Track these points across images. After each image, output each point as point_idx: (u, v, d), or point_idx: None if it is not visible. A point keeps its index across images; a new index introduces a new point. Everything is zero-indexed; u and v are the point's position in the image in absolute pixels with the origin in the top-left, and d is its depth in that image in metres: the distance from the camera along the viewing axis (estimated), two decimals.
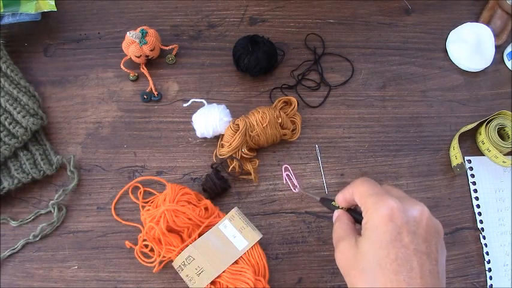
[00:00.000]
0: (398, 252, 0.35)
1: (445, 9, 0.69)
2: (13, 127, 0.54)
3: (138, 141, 0.58)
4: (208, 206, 0.52)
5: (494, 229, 0.58)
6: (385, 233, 0.35)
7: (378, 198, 0.37)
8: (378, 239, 0.36)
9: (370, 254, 0.36)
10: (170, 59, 0.61)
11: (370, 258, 0.36)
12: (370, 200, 0.38)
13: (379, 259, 0.35)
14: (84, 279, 0.52)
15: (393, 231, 0.35)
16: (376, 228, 0.36)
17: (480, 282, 0.56)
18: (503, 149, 0.60)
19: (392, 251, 0.35)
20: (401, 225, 0.36)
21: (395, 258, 0.35)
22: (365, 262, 0.36)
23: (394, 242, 0.35)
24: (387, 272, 0.35)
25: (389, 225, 0.36)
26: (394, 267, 0.34)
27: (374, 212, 0.37)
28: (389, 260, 0.35)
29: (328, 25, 0.66)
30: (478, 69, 0.65)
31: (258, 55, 0.58)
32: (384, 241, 0.35)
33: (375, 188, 0.39)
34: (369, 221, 0.37)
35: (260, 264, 0.50)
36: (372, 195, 0.38)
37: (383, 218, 0.36)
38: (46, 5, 0.58)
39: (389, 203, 0.36)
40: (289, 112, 0.57)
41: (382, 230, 0.36)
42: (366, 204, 0.38)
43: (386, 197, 0.37)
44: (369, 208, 0.38)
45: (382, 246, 0.35)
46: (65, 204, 0.54)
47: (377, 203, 0.37)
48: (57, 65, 0.61)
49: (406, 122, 0.62)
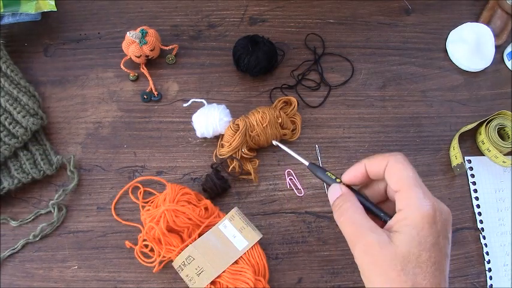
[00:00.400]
0: (437, 256, 0.34)
1: (445, 9, 0.69)
2: (13, 127, 0.54)
3: (138, 141, 0.58)
4: (208, 206, 0.52)
5: (494, 229, 0.58)
6: (429, 236, 0.34)
7: (423, 194, 0.35)
8: (422, 240, 0.34)
9: (413, 256, 0.34)
10: (170, 59, 0.61)
11: (413, 260, 0.34)
12: (415, 191, 0.35)
13: (421, 262, 0.34)
14: (84, 279, 0.52)
15: (435, 234, 0.34)
16: (422, 228, 0.34)
17: (480, 282, 0.56)
18: (503, 149, 0.60)
19: (433, 255, 0.34)
20: (440, 229, 0.35)
21: (434, 262, 0.34)
22: (406, 262, 0.34)
23: (435, 245, 0.34)
24: (427, 275, 0.33)
25: (434, 228, 0.34)
26: (433, 270, 0.34)
27: (419, 209, 0.34)
28: (430, 263, 0.34)
29: (328, 25, 0.66)
30: (478, 69, 0.65)
31: (258, 55, 0.58)
32: (428, 243, 0.34)
33: (418, 178, 0.36)
34: (412, 217, 0.34)
35: (260, 264, 0.50)
36: (418, 187, 0.35)
37: (429, 218, 0.34)
38: (46, 5, 0.58)
39: (433, 203, 0.35)
40: (289, 112, 0.57)
41: (427, 231, 0.34)
42: (407, 195, 0.35)
43: (430, 194, 0.35)
44: (412, 202, 0.35)
45: (426, 248, 0.34)
46: (65, 204, 0.54)
47: (424, 199, 0.35)
48: (57, 65, 0.61)
49: (406, 122, 0.62)
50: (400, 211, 0.35)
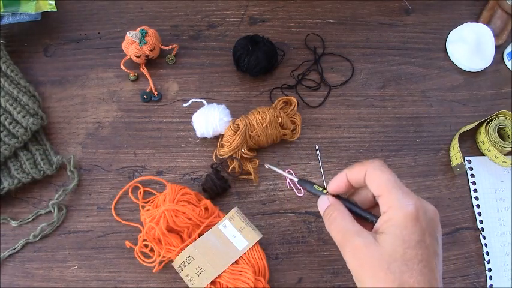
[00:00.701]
0: (424, 254, 0.34)
1: (445, 9, 0.69)
2: (13, 127, 0.54)
3: (138, 141, 0.58)
4: (208, 206, 0.52)
5: (494, 229, 0.58)
6: (413, 233, 0.35)
7: (404, 195, 0.36)
8: (406, 238, 0.34)
9: (398, 254, 0.34)
10: (170, 59, 0.61)
11: (398, 258, 0.34)
12: (395, 193, 0.36)
13: (407, 259, 0.34)
14: (84, 279, 0.52)
15: (420, 232, 0.35)
16: (405, 227, 0.35)
17: (480, 282, 0.56)
18: (503, 149, 0.60)
19: (419, 252, 0.34)
20: (425, 227, 0.35)
21: (421, 260, 0.34)
22: (391, 261, 0.34)
23: (421, 242, 0.35)
24: (414, 272, 0.34)
25: (417, 226, 0.35)
26: (420, 268, 0.34)
27: (401, 209, 0.35)
28: (416, 260, 0.34)
29: (328, 25, 0.66)
30: (478, 69, 0.65)
31: (258, 55, 0.58)
32: (413, 241, 0.34)
33: (397, 181, 0.37)
34: (395, 218, 0.35)
35: (260, 264, 0.50)
36: (397, 189, 0.36)
37: (411, 217, 0.35)
38: (46, 5, 0.58)
39: (415, 202, 0.35)
40: (289, 112, 0.57)
41: (411, 229, 0.35)
42: (389, 198, 0.36)
43: (411, 194, 0.36)
44: (394, 204, 0.36)
45: (411, 246, 0.34)
46: (65, 204, 0.54)
47: (405, 200, 0.35)
48: (57, 65, 0.61)
49: (406, 122, 0.62)
50: (384, 213, 0.36)
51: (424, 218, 0.35)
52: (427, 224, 0.35)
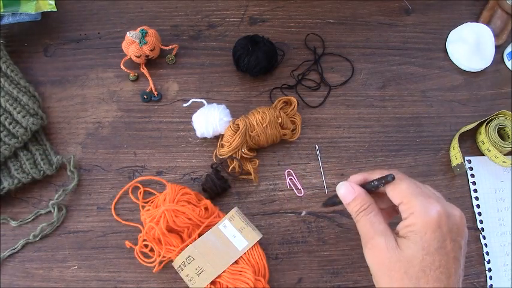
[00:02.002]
0: (442, 260, 0.35)
1: (445, 9, 0.69)
2: (13, 127, 0.54)
3: (138, 141, 0.58)
4: (208, 206, 0.52)
5: (494, 229, 0.58)
6: (433, 240, 0.35)
7: (425, 201, 0.36)
8: (426, 245, 0.35)
9: (417, 260, 0.35)
10: (170, 59, 0.61)
11: (416, 264, 0.35)
12: (417, 201, 0.37)
13: (424, 266, 0.35)
14: (84, 279, 0.52)
15: (440, 238, 0.35)
16: (425, 234, 0.35)
17: (480, 282, 0.56)
18: (503, 149, 0.60)
19: (437, 259, 0.35)
20: (446, 233, 0.36)
21: (439, 266, 0.35)
22: (409, 266, 0.35)
23: (440, 249, 0.35)
24: (431, 278, 0.35)
25: (438, 232, 0.35)
26: (437, 274, 0.35)
27: (422, 216, 0.36)
28: (434, 267, 0.35)
29: (328, 25, 0.66)
30: (478, 69, 0.65)
31: (258, 55, 0.58)
32: (432, 248, 0.35)
33: (418, 188, 0.38)
34: (415, 224, 0.36)
35: (260, 264, 0.50)
36: (418, 196, 0.37)
37: (432, 223, 0.36)
38: (46, 5, 0.58)
39: (437, 208, 0.36)
40: (289, 112, 0.57)
41: (430, 236, 0.35)
42: (410, 204, 0.37)
43: (433, 201, 0.37)
44: (415, 210, 0.36)
45: (429, 252, 0.35)
46: (65, 204, 0.54)
47: (426, 207, 0.36)
48: (57, 65, 0.61)
49: (406, 122, 0.62)
50: (405, 219, 0.37)
51: (447, 224, 0.36)
52: (449, 230, 0.36)
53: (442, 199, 0.39)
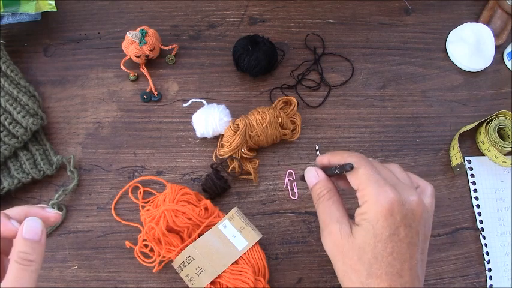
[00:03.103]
0: (395, 246, 0.36)
1: (445, 9, 0.69)
2: (13, 127, 0.54)
3: (138, 141, 0.58)
4: (208, 206, 0.52)
5: (494, 229, 0.58)
6: (384, 228, 0.36)
7: (379, 189, 0.36)
8: (377, 233, 0.36)
9: (368, 247, 0.36)
10: (170, 59, 0.61)
11: (368, 251, 0.36)
12: (370, 189, 0.37)
13: (376, 252, 0.36)
14: (84, 279, 0.52)
15: (392, 226, 0.36)
16: (377, 222, 0.36)
17: (480, 282, 0.56)
18: (503, 149, 0.60)
19: (389, 245, 0.36)
20: (400, 220, 0.36)
21: (392, 252, 0.36)
22: (362, 253, 0.36)
23: (392, 236, 0.36)
24: (383, 264, 0.36)
25: (390, 220, 0.36)
26: (389, 260, 0.36)
27: (374, 204, 0.36)
28: (386, 253, 0.36)
29: (328, 25, 0.66)
30: (478, 69, 0.65)
31: (258, 55, 0.58)
32: (383, 236, 0.36)
33: (376, 174, 0.38)
34: (367, 212, 0.37)
35: (260, 264, 0.50)
36: (373, 184, 0.37)
37: (383, 212, 0.36)
38: (46, 5, 0.58)
39: (390, 196, 0.36)
40: (289, 112, 0.57)
41: (382, 224, 0.36)
42: (364, 192, 0.37)
43: (387, 188, 0.37)
44: (368, 198, 0.37)
45: (381, 240, 0.36)
46: (65, 204, 0.54)
47: (378, 195, 0.36)
48: (57, 65, 0.61)
49: (406, 122, 0.62)
50: (360, 206, 0.38)
51: (400, 211, 0.36)
52: (403, 217, 0.36)
53: (401, 183, 0.39)
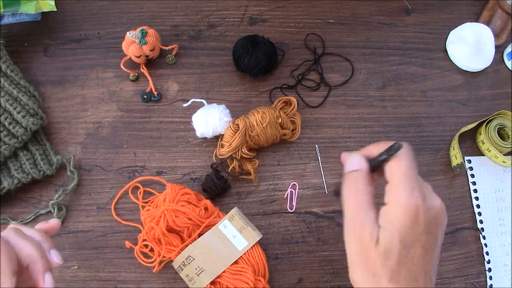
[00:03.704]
0: (415, 253, 0.35)
1: (445, 9, 0.69)
2: (13, 127, 0.54)
3: (138, 141, 0.58)
4: (208, 206, 0.52)
5: (494, 229, 0.58)
6: (408, 234, 0.35)
7: (409, 191, 0.35)
8: (402, 239, 0.35)
9: (393, 253, 0.35)
10: (170, 59, 0.61)
11: (393, 257, 0.35)
12: (400, 187, 0.35)
13: (400, 259, 0.35)
14: (84, 279, 0.52)
15: (416, 232, 0.35)
16: (402, 227, 0.35)
17: (480, 282, 0.56)
18: (503, 149, 0.60)
19: (411, 251, 0.35)
20: (424, 226, 0.35)
21: (412, 258, 0.35)
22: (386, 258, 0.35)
23: (415, 242, 0.35)
24: (403, 270, 0.35)
25: (414, 226, 0.35)
26: (410, 266, 0.35)
27: (400, 207, 0.35)
28: (408, 259, 0.35)
29: (328, 25, 0.66)
30: (478, 69, 0.65)
31: (258, 55, 0.58)
32: (407, 242, 0.35)
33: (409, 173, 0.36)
34: (393, 214, 0.35)
35: (260, 264, 0.50)
36: (404, 183, 0.35)
37: (408, 215, 0.35)
38: (46, 5, 0.58)
39: (417, 201, 0.35)
40: (289, 112, 0.57)
41: (407, 230, 0.35)
42: (392, 189, 0.36)
43: (417, 191, 0.35)
44: (395, 198, 0.35)
45: (406, 246, 0.35)
46: (65, 204, 0.54)
47: (407, 197, 0.35)
48: (57, 65, 0.61)
49: (406, 122, 0.62)
50: (385, 205, 0.36)
51: (424, 218, 0.35)
52: (427, 224, 0.35)
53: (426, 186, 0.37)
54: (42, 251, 0.36)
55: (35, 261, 0.35)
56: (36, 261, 0.35)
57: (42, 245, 0.37)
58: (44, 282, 0.35)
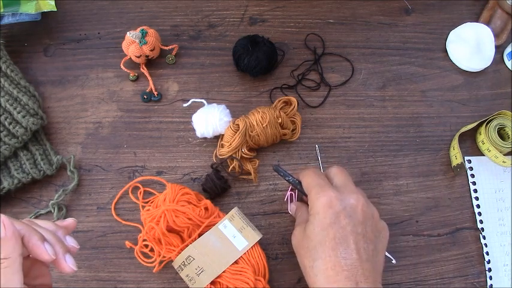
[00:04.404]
0: (336, 233, 0.42)
1: (445, 9, 0.69)
2: (13, 127, 0.54)
3: (138, 141, 0.58)
4: (208, 206, 0.52)
5: (494, 229, 0.58)
6: (325, 218, 0.43)
7: (319, 189, 0.44)
8: (319, 223, 0.43)
9: (313, 235, 0.43)
10: (170, 59, 0.61)
11: (314, 238, 0.43)
12: (313, 191, 0.45)
13: (320, 239, 0.42)
14: (84, 279, 0.52)
15: (332, 216, 0.43)
16: (318, 214, 0.43)
17: (480, 282, 0.56)
18: (503, 149, 0.60)
19: (331, 232, 0.42)
20: (339, 211, 0.43)
21: (334, 237, 0.42)
22: (309, 242, 0.43)
23: (333, 224, 0.42)
24: (326, 248, 0.42)
25: (329, 211, 0.43)
26: (332, 244, 0.42)
27: (316, 201, 0.44)
28: (328, 238, 0.42)
29: (328, 25, 0.66)
30: (478, 69, 0.65)
31: (258, 55, 0.58)
32: (325, 224, 0.42)
33: (318, 180, 0.46)
34: (312, 208, 0.44)
35: (260, 264, 0.50)
36: (315, 187, 0.45)
37: (323, 205, 0.43)
38: (46, 5, 0.58)
39: (328, 193, 0.44)
40: (289, 112, 0.57)
41: (322, 215, 0.43)
42: (310, 194, 0.45)
43: (327, 188, 0.44)
44: (312, 198, 0.45)
45: (323, 228, 0.42)
46: (65, 204, 0.54)
47: (318, 193, 0.44)
48: (57, 65, 0.61)
49: (406, 122, 0.62)
50: (309, 206, 0.46)
51: (339, 204, 0.43)
52: (342, 209, 0.43)
53: (345, 186, 0.46)
54: (58, 237, 0.38)
55: (54, 244, 0.36)
56: (54, 244, 0.36)
57: (56, 233, 0.38)
58: (66, 261, 0.36)
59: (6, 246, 0.33)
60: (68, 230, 0.40)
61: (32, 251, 0.35)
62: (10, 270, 0.33)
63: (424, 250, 0.56)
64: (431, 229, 0.57)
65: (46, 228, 0.38)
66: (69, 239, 0.39)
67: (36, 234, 0.35)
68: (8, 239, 0.33)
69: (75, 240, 0.39)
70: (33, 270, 0.38)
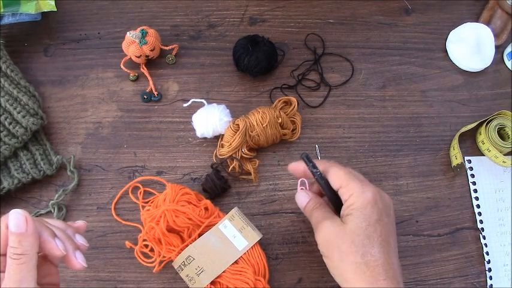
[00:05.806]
0: (382, 230, 0.42)
1: (445, 9, 0.69)
2: (13, 127, 0.54)
3: (138, 141, 0.58)
4: (208, 206, 0.52)
5: (494, 229, 0.58)
6: (372, 213, 0.42)
7: (362, 184, 0.43)
8: (366, 218, 0.41)
9: (361, 230, 0.41)
10: (170, 59, 0.61)
11: (361, 233, 0.41)
12: (354, 184, 0.43)
13: (368, 234, 0.41)
14: (84, 279, 0.52)
15: (378, 213, 0.42)
16: (365, 208, 0.42)
17: (480, 282, 0.56)
18: (503, 149, 0.60)
19: (378, 228, 0.41)
20: (382, 209, 0.42)
21: (380, 234, 0.41)
22: (354, 236, 0.41)
23: (379, 221, 0.42)
24: (375, 244, 0.41)
25: (375, 208, 0.42)
26: (380, 241, 0.41)
27: (361, 195, 0.42)
28: (376, 235, 0.41)
29: (328, 25, 0.66)
30: (478, 69, 0.65)
31: (258, 55, 0.58)
32: (372, 220, 0.41)
33: (353, 174, 0.44)
34: (356, 202, 0.42)
35: (260, 264, 0.50)
36: (355, 180, 0.43)
37: (370, 201, 0.42)
38: (46, 5, 0.58)
39: (373, 189, 0.43)
40: (289, 112, 0.57)
41: (370, 210, 0.42)
42: (348, 187, 0.43)
43: (368, 183, 0.44)
44: (354, 191, 0.43)
45: (371, 223, 0.41)
46: (65, 204, 0.54)
47: (363, 188, 0.43)
48: (57, 65, 0.61)
49: (406, 122, 0.62)
50: (346, 200, 0.43)
51: (381, 202, 0.43)
52: (383, 207, 0.43)
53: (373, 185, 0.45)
54: (68, 234, 0.38)
55: (64, 240, 0.37)
56: (65, 240, 0.37)
57: (66, 231, 0.39)
58: (76, 258, 0.37)
59: (26, 242, 0.33)
60: (79, 231, 0.41)
61: (43, 246, 0.35)
62: (26, 267, 0.33)
63: (424, 250, 0.56)
64: (431, 229, 0.57)
65: (56, 226, 0.38)
66: (79, 237, 0.40)
67: (47, 229, 0.35)
68: (29, 235, 0.33)
69: (84, 239, 0.40)
70: (42, 269, 0.38)
